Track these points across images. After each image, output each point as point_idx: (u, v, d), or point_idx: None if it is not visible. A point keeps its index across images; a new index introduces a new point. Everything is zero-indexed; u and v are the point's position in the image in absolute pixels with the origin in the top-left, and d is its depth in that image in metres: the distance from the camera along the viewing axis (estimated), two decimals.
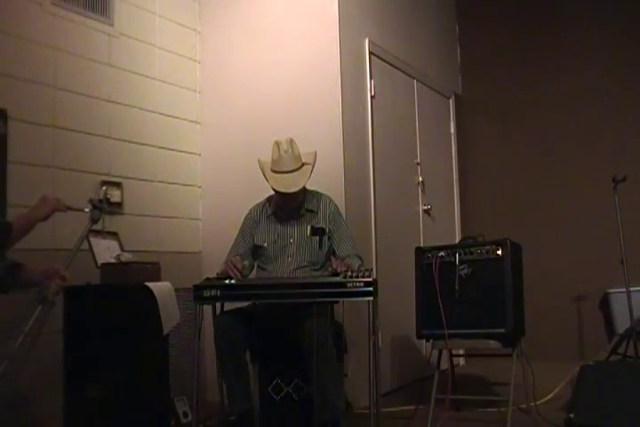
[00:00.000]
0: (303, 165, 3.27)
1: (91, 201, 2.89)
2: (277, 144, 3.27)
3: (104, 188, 3.67)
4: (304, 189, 3.34)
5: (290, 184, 3.22)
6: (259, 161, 3.34)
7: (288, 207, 3.35)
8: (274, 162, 3.27)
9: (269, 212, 3.40)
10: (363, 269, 3.02)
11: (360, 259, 3.27)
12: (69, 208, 2.83)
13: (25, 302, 2.49)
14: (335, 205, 3.41)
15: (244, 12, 4.39)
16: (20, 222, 2.68)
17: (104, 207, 2.92)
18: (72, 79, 3.66)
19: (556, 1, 5.54)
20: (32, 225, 2.70)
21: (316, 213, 3.35)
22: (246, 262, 3.17)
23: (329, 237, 3.30)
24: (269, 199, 3.44)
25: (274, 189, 3.29)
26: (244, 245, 3.38)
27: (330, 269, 3.04)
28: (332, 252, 3.35)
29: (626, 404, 2.89)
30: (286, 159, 3.24)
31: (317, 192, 3.44)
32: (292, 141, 3.27)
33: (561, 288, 5.14)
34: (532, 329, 3.50)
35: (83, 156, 3.68)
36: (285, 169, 3.23)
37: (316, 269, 3.28)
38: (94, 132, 3.76)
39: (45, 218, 2.74)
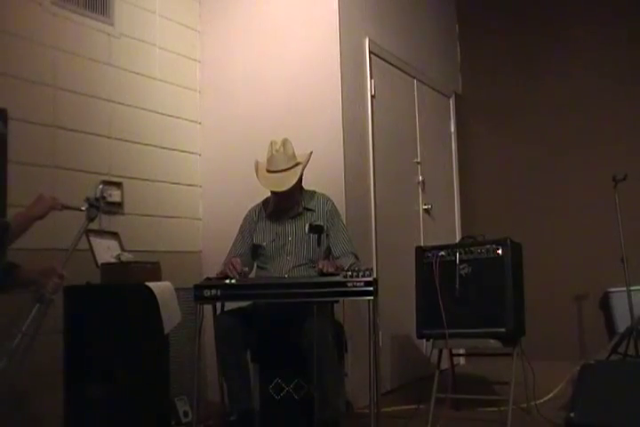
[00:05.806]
0: (297, 164, 3.27)
1: (87, 199, 2.86)
2: (271, 144, 3.29)
3: (100, 186, 3.67)
4: (300, 189, 3.35)
5: (279, 183, 3.22)
6: (255, 162, 3.35)
7: (284, 207, 3.35)
8: (267, 161, 3.29)
9: (267, 212, 3.40)
10: (356, 267, 3.02)
11: (356, 257, 3.27)
12: (65, 207, 2.81)
13: (23, 301, 2.49)
14: (333, 204, 3.41)
15: (244, 12, 4.39)
16: (17, 221, 2.67)
17: (100, 206, 2.91)
18: (72, 79, 3.66)
19: (556, 1, 5.54)
20: (29, 224, 2.70)
21: (315, 211, 3.35)
22: (246, 269, 3.16)
23: (327, 235, 3.30)
24: (267, 200, 3.44)
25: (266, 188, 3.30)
26: (243, 246, 3.39)
27: (316, 268, 3.04)
28: (330, 249, 3.34)
29: (626, 403, 2.88)
30: (278, 158, 3.25)
31: (315, 192, 3.44)
32: (285, 141, 3.28)
33: (561, 287, 5.13)
34: (532, 328, 3.49)
35: (83, 155, 3.68)
36: (276, 168, 3.24)
37: (315, 267, 3.27)
38: (94, 132, 3.76)
39: (42, 217, 2.73)
